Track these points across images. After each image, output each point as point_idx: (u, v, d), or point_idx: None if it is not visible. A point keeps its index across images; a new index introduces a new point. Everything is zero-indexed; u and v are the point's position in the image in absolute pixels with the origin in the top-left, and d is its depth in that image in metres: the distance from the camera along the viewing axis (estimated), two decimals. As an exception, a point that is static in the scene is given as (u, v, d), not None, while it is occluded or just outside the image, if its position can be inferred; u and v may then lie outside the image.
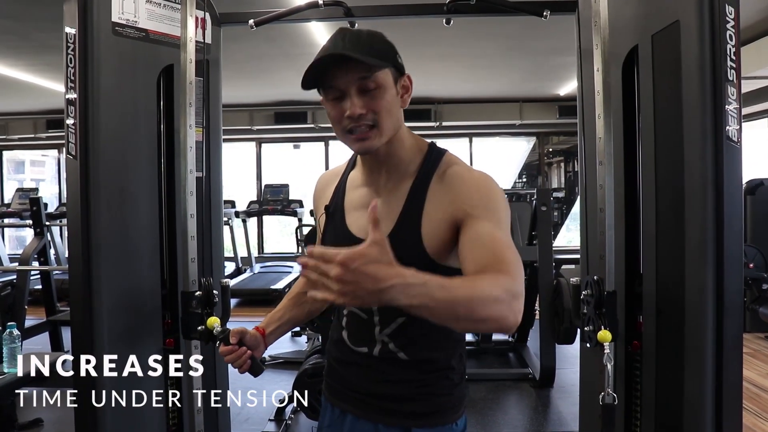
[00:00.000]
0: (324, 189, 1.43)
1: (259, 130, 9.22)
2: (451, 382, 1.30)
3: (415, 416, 1.27)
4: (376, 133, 1.19)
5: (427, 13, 2.69)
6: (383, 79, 1.18)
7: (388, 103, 1.19)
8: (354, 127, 1.18)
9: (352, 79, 1.16)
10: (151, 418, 2.36)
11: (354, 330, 1.32)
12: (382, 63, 1.18)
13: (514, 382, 4.59)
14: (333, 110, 1.20)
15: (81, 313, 2.19)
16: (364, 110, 1.17)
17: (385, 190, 1.27)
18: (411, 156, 1.27)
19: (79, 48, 2.16)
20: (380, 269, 0.87)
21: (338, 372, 1.37)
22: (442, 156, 1.27)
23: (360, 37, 1.18)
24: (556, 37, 5.14)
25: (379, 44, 1.21)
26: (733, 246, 1.79)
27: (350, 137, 1.20)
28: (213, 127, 2.58)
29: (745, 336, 5.44)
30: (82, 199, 2.18)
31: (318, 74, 1.18)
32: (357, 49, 1.15)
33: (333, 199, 1.36)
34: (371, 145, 1.20)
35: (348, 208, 1.32)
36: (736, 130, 1.79)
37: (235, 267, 8.54)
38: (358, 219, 1.29)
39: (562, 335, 3.44)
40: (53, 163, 10.74)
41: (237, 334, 1.34)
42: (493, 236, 1.11)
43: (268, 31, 3.10)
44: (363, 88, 1.17)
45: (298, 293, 1.50)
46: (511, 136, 10.23)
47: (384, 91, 1.18)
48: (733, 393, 1.81)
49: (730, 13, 1.78)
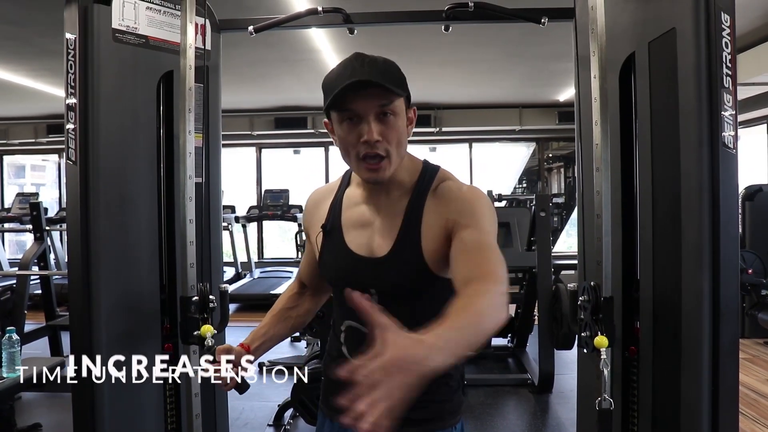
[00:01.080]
0: (317, 206, 1.42)
1: (259, 135, 9.23)
2: (450, 389, 1.31)
3: (414, 423, 1.25)
4: (387, 164, 1.21)
5: (425, 20, 2.70)
6: (398, 107, 1.20)
7: (399, 131, 1.21)
8: (367, 155, 1.19)
9: (372, 104, 1.17)
10: (149, 422, 2.37)
11: (354, 344, 1.31)
12: (402, 92, 1.20)
13: (512, 387, 4.58)
14: (348, 134, 1.20)
15: (80, 318, 2.19)
16: (381, 137, 1.18)
17: (385, 208, 1.29)
18: (408, 176, 1.29)
19: (80, 54, 2.17)
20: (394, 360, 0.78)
21: (337, 386, 1.35)
22: (435, 172, 1.30)
23: (377, 64, 1.19)
24: (555, 43, 5.16)
25: (396, 72, 1.22)
26: (729, 252, 1.80)
27: (362, 165, 1.22)
28: (212, 132, 2.59)
29: (743, 341, 5.44)
30: (82, 204, 2.19)
31: (337, 98, 1.17)
32: (378, 76, 1.16)
33: (329, 216, 1.36)
34: (383, 177, 1.22)
35: (346, 225, 1.32)
36: (731, 136, 1.80)
37: (235, 272, 8.53)
38: (357, 237, 1.30)
39: (561, 341, 3.44)
40: (54, 168, 10.76)
41: (222, 351, 1.35)
42: (477, 241, 1.15)
43: (268, 37, 3.11)
44: (381, 114, 1.18)
45: (282, 309, 1.51)
46: (510, 142, 10.25)
47: (398, 119, 1.21)
48: (729, 398, 1.81)
49: (725, 20, 1.79)
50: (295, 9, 3.43)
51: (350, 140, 1.20)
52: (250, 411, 4.09)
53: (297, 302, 1.54)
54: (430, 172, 1.30)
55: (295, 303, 1.54)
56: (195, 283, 2.14)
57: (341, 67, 1.20)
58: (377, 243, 1.26)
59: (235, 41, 4.49)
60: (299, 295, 1.55)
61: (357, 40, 2.94)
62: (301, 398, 3.21)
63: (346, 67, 1.18)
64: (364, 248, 1.27)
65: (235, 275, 8.45)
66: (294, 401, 3.28)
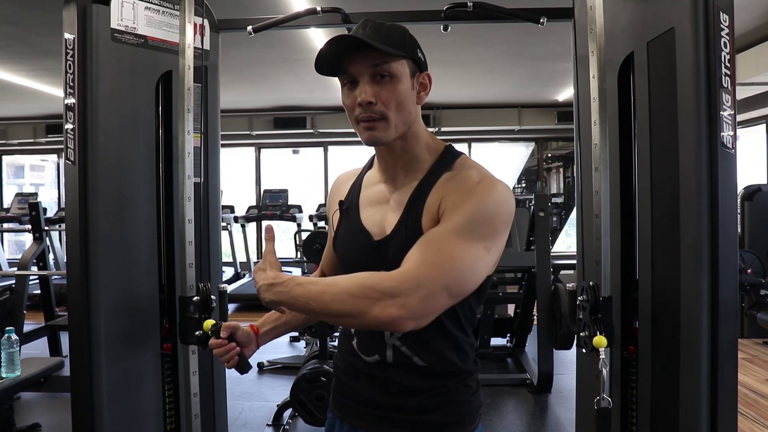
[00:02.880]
0: (340, 188, 1.40)
1: (258, 135, 9.24)
2: (469, 389, 1.26)
3: (435, 427, 1.22)
4: (384, 125, 1.17)
5: (424, 20, 2.70)
6: (397, 69, 1.16)
7: (399, 94, 1.17)
8: (363, 117, 1.17)
9: (364, 65, 1.15)
10: (148, 422, 2.37)
11: (364, 335, 1.28)
12: (397, 52, 1.15)
13: (512, 387, 4.59)
14: (346, 98, 1.19)
15: (79, 318, 2.19)
16: (374, 99, 1.15)
17: (402, 184, 1.25)
18: (426, 154, 1.25)
19: (78, 54, 2.17)
20: (260, 274, 1.17)
21: (348, 386, 1.32)
22: (456, 158, 1.24)
23: (381, 28, 1.17)
24: (554, 43, 5.17)
25: (399, 35, 1.18)
26: (728, 251, 1.80)
27: (360, 127, 1.19)
28: (211, 132, 2.59)
29: (743, 341, 5.45)
30: (81, 204, 2.19)
31: (334, 59, 1.16)
32: (374, 38, 1.14)
33: (348, 196, 1.34)
34: (380, 137, 1.18)
35: (363, 204, 1.30)
36: (730, 136, 1.80)
37: (234, 272, 8.53)
38: (372, 215, 1.27)
39: (560, 341, 3.43)
40: (53, 168, 10.75)
41: (228, 328, 1.32)
42: (429, 237, 1.11)
43: (267, 36, 3.11)
44: (375, 75, 1.16)
45: None
46: (510, 142, 10.26)
47: (397, 81, 1.17)
48: (728, 398, 1.81)
49: (724, 20, 1.79)
50: (294, 9, 3.43)
51: (348, 104, 1.19)
52: (249, 411, 4.09)
53: None
54: (451, 156, 1.24)
55: None
56: (194, 283, 2.14)
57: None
58: (388, 221, 1.23)
59: (234, 41, 4.50)
60: None
61: (356, 40, 2.93)
62: (300, 398, 3.22)
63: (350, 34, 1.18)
64: (377, 226, 1.24)
65: (234, 275, 8.45)
66: (293, 401, 3.28)
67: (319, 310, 1.09)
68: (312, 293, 1.08)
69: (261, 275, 1.16)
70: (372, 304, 1.03)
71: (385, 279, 1.06)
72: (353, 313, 1.05)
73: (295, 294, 1.10)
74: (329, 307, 1.07)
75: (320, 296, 1.07)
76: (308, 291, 1.09)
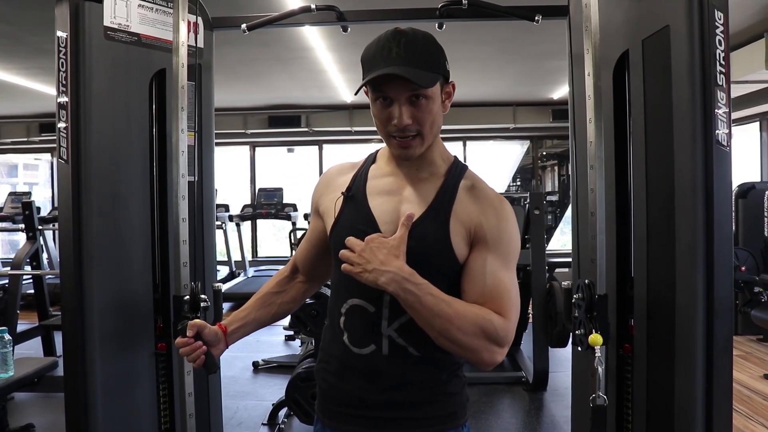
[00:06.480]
0: (334, 178, 1.40)
1: (252, 133, 9.22)
2: (460, 380, 1.30)
3: (429, 422, 1.24)
4: (419, 142, 1.23)
5: (419, 18, 2.69)
6: (432, 91, 1.21)
7: (433, 114, 1.23)
8: (398, 135, 1.22)
9: (403, 90, 1.19)
10: (143, 422, 2.36)
11: (357, 328, 1.27)
12: (435, 78, 1.21)
13: (507, 385, 4.59)
14: (380, 113, 1.23)
15: (73, 318, 2.18)
16: (411, 121, 1.20)
17: (417, 180, 1.30)
18: (440, 160, 1.31)
19: (71, 52, 2.16)
20: (390, 257, 1.13)
21: (336, 388, 1.31)
22: (465, 170, 1.32)
23: (415, 45, 1.20)
24: (549, 41, 5.17)
25: (433, 51, 1.24)
26: (723, 249, 1.80)
27: (393, 142, 1.24)
28: (205, 131, 2.58)
29: (737, 338, 5.47)
30: (74, 203, 2.17)
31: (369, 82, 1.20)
32: (412, 62, 1.17)
33: (352, 184, 1.35)
34: (413, 154, 1.25)
35: (371, 192, 1.31)
36: (725, 134, 1.80)
37: (229, 271, 8.51)
38: (382, 203, 1.29)
39: (555, 339, 3.45)
40: (46, 167, 10.71)
41: (195, 326, 1.29)
42: (497, 276, 1.20)
43: (261, 35, 3.10)
44: (411, 97, 1.19)
45: (267, 293, 1.47)
46: (504, 140, 10.26)
47: (432, 102, 1.22)
48: (723, 395, 1.81)
49: (719, 18, 1.79)
50: (289, 7, 3.41)
51: (382, 118, 1.23)
52: (244, 410, 4.08)
53: (284, 287, 1.49)
54: (462, 167, 1.32)
55: (282, 288, 1.49)
56: (188, 283, 2.13)
57: (379, 45, 1.21)
58: (406, 208, 1.25)
59: (228, 39, 4.48)
60: (288, 280, 1.51)
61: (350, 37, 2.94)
62: (296, 397, 3.21)
63: (383, 48, 1.19)
64: (387, 214, 1.26)
65: (229, 274, 8.43)
66: (288, 400, 3.27)
67: (438, 328, 1.14)
68: (443, 312, 1.13)
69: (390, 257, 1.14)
70: (486, 347, 1.15)
71: (500, 328, 1.16)
72: (470, 349, 1.15)
73: (425, 302, 1.13)
74: (450, 333, 1.13)
75: (449, 319, 1.13)
76: (439, 308, 1.13)
